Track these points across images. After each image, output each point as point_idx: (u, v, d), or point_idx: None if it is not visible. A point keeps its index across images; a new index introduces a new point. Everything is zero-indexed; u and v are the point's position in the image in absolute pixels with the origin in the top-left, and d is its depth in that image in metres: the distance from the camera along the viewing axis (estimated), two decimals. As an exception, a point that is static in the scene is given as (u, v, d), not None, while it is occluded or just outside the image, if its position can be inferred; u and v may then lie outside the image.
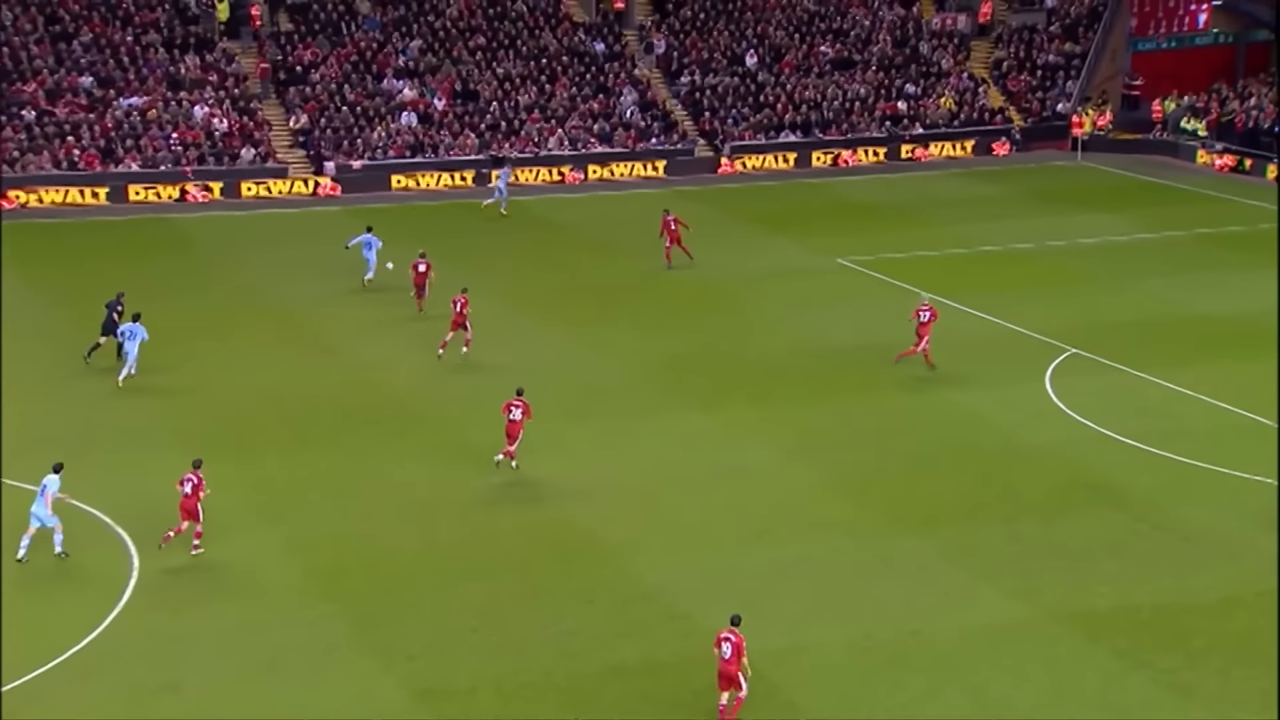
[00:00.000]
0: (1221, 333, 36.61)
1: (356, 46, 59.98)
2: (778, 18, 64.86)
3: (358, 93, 58.03)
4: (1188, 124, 59.73)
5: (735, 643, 19.59)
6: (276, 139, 56.40)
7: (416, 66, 59.80)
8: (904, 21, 65.57)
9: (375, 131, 56.69)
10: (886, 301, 40.15)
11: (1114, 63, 63.50)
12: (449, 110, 58.34)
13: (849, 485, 27.70)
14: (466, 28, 61.82)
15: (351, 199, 53.20)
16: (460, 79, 59.69)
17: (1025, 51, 65.10)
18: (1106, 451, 29.19)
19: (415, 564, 24.53)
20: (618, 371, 34.17)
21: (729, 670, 19.58)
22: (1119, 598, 23.23)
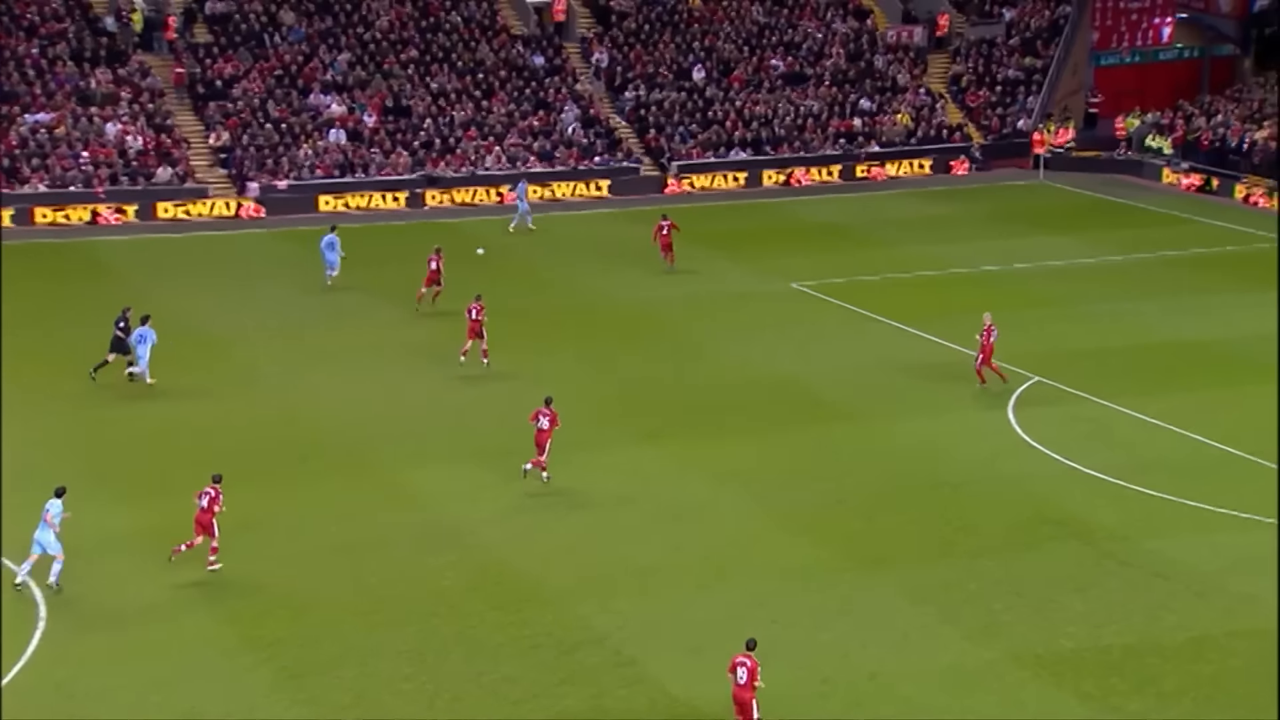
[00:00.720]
0: (1190, 359, 37.06)
1: (280, 59, 59.76)
2: (726, 30, 65.28)
3: (282, 108, 57.79)
4: (1153, 142, 60.57)
5: (750, 667, 20.18)
6: (195, 157, 56.02)
7: (345, 81, 59.64)
8: (857, 34, 66.18)
9: (301, 149, 56.46)
10: (842, 327, 40.35)
11: (1076, 77, 64.34)
12: (380, 127, 58.20)
13: (803, 523, 27.75)
14: (398, 40, 61.77)
15: (276, 221, 52.91)
16: (392, 94, 59.59)
17: (984, 66, 65.84)
18: (1072, 485, 29.42)
19: (343, 610, 24.30)
20: (557, 404, 34.06)
21: (744, 696, 20.14)
22: (1086, 638, 23.38)
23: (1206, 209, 54.43)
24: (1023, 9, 67.71)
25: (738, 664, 20.31)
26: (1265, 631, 23.49)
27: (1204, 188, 57.13)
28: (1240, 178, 56.27)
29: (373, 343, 38.90)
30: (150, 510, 27.81)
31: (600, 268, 46.11)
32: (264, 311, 41.57)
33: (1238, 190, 55.82)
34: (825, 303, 42.73)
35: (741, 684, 20.19)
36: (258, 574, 25.56)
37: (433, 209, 55.53)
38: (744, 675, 20.15)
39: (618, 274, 45.89)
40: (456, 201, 56.10)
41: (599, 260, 46.67)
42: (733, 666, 20.35)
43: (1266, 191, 54.77)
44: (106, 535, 26.60)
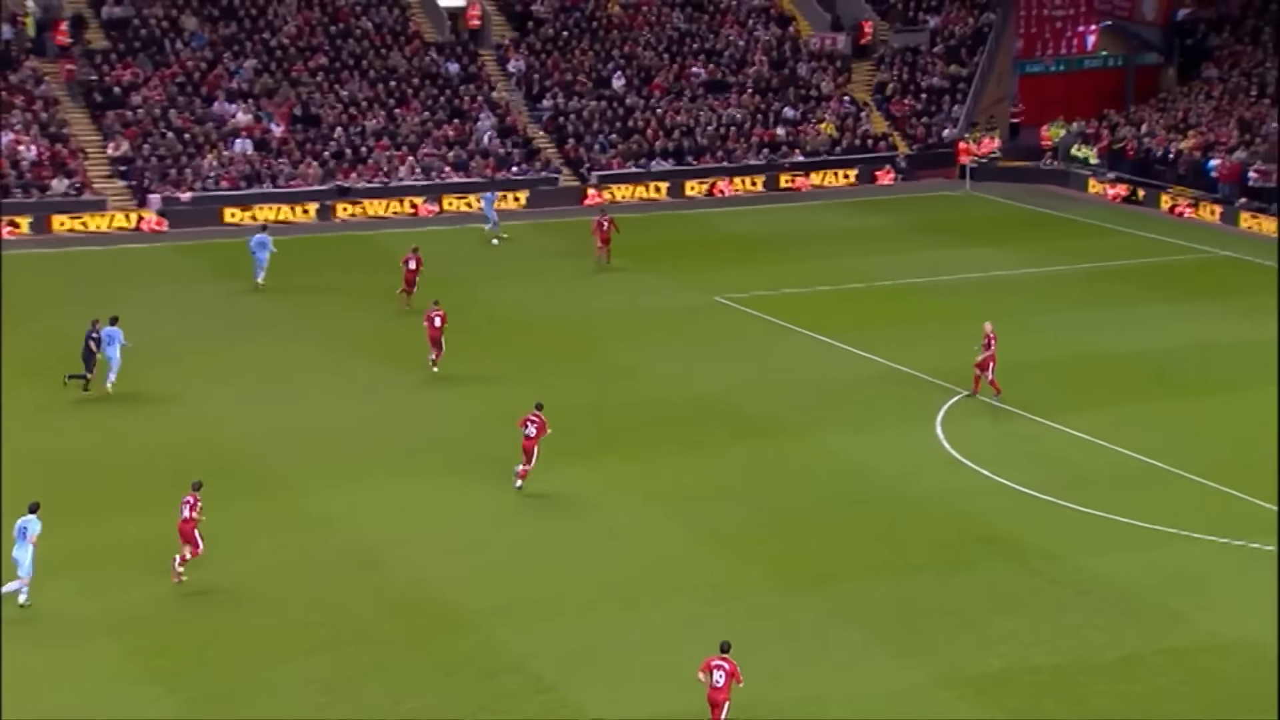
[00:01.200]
0: (1119, 373, 37.70)
1: (183, 66, 59.21)
2: (646, 37, 65.57)
3: (185, 117, 57.25)
4: (1078, 151, 61.58)
5: (729, 669, 20.72)
6: (93, 168, 55.32)
7: (251, 88, 59.20)
8: (780, 41, 66.76)
9: (205, 160, 55.95)
10: (767, 341, 40.63)
11: (1000, 86, 65.27)
12: (288, 137, 57.82)
13: (730, 543, 27.89)
14: (306, 46, 61.43)
15: (180, 234, 52.36)
16: (300, 102, 59.23)
17: (909, 74, 66.61)
18: (1001, 501, 29.82)
19: (252, 638, 24.11)
20: (474, 423, 34.04)
21: (719, 698, 20.67)
22: (1015, 658, 23.70)
23: (1133, 220, 55.43)
24: (947, 17, 68.64)
25: (713, 666, 20.83)
26: (1193, 649, 23.95)
27: (1130, 198, 58.19)
28: (1166, 188, 57.38)
29: (282, 360, 38.61)
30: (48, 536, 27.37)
31: (519, 282, 46.09)
32: (167, 329, 41.11)
33: (1163, 200, 56.91)
34: (750, 316, 42.99)
35: (718, 686, 20.72)
36: (162, 602, 25.28)
37: (344, 221, 55.25)
38: (720, 678, 20.70)
39: (537, 288, 45.91)
40: (369, 214, 55.86)
41: (517, 274, 46.64)
42: (707, 667, 20.89)
43: (1191, 202, 55.91)
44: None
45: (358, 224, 55.08)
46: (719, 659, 20.92)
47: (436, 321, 36.98)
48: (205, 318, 42.05)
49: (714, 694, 20.79)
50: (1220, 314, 42.85)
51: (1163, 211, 56.49)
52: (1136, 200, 57.96)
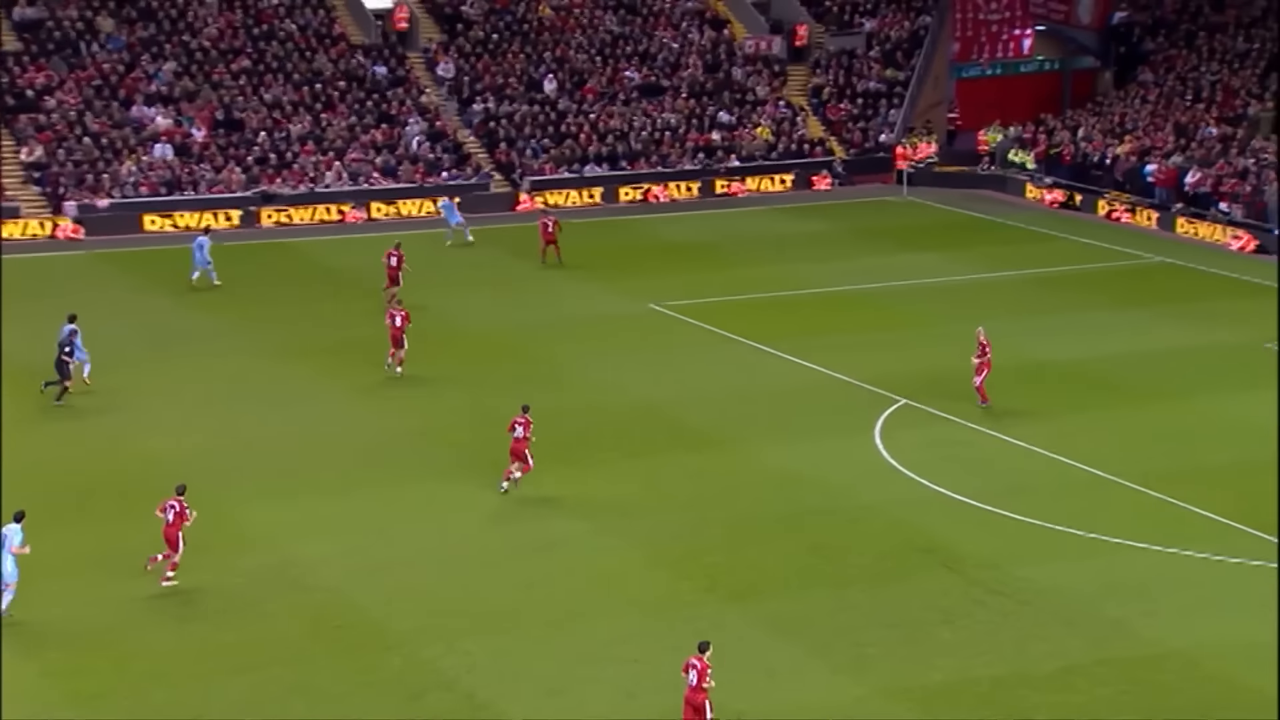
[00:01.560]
0: (1057, 380, 37.99)
1: (99, 69, 58.47)
2: (578, 39, 65.51)
3: (102, 122, 56.54)
4: (1015, 156, 62.12)
5: (700, 669, 21.09)
6: (6, 174, 54.49)
7: (171, 92, 58.56)
8: (715, 44, 66.92)
9: (124, 165, 55.27)
10: (703, 350, 40.63)
11: (937, 90, 65.75)
12: (210, 141, 57.25)
13: (665, 556, 27.82)
14: (228, 49, 60.86)
15: (97, 242, 51.69)
16: (222, 106, 58.67)
17: (845, 78, 66.97)
18: (940, 511, 29.94)
19: (170, 658, 23.78)
20: (403, 434, 33.79)
21: (696, 699, 21.02)
22: (955, 670, 23.77)
23: (1070, 225, 55.97)
24: (883, 20, 69.07)
25: (689, 665, 21.20)
26: (1133, 659, 24.12)
27: (1067, 203, 58.76)
28: (1103, 193, 57.98)
29: (205, 371, 38.18)
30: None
31: (449, 290, 45.85)
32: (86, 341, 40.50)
33: (1100, 206, 57.50)
34: (685, 324, 42.99)
35: (692, 685, 21.07)
36: (79, 623, 24.88)
37: (269, 228, 54.75)
38: (694, 677, 21.06)
39: (468, 296, 45.70)
40: (294, 220, 55.39)
41: (447, 282, 46.39)
42: (685, 668, 21.27)
43: (1128, 207, 56.53)
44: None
45: (283, 230, 54.60)
46: (693, 658, 21.30)
47: (398, 320, 37.34)
48: (125, 328, 41.50)
49: (689, 694, 21.19)
50: (1158, 320, 43.32)
51: (1100, 217, 57.08)
52: (1074, 206, 58.53)
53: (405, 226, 54.39)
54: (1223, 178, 54.85)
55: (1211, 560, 27.56)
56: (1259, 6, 62.72)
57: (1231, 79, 60.10)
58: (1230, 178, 54.70)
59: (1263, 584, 26.61)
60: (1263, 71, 59.60)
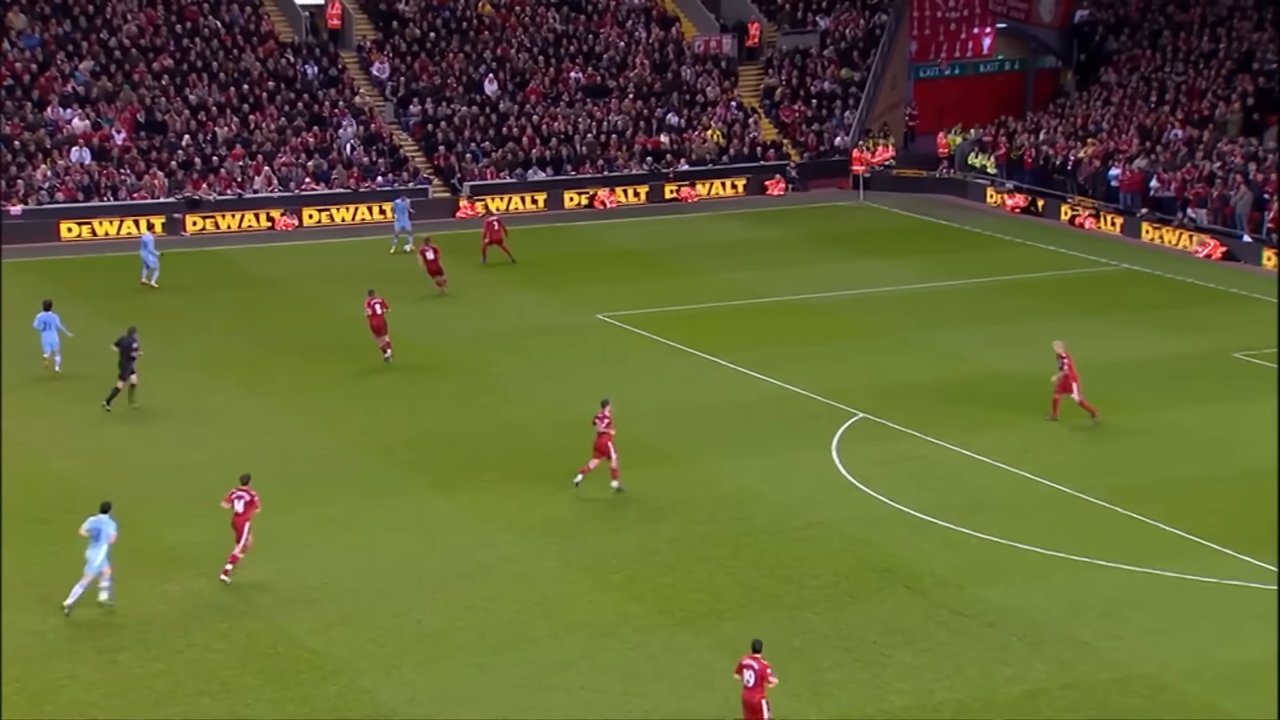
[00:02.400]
0: (1018, 392, 38.20)
1: (11, 68, 57.98)
2: (520, 38, 65.53)
3: (15, 124, 56.06)
4: (976, 160, 62.61)
5: (759, 670, 21.58)
6: (-85, 178, 53.94)
7: (89, 93, 58.13)
8: (663, 43, 67.10)
9: (39, 170, 54.78)
10: (651, 361, 40.68)
11: (895, 91, 66.17)
12: (131, 144, 56.85)
13: (611, 577, 27.81)
14: (149, 47, 60.49)
15: (11, 250, 51.20)
16: (144, 107, 58.28)
17: (798, 78, 67.30)
18: (899, 529, 30.07)
19: (92, 691, 23.56)
20: (336, 451, 33.65)
21: (753, 699, 21.54)
22: (917, 695, 23.88)
23: (1032, 231, 56.42)
24: (838, 18, 69.46)
25: (744, 666, 21.66)
26: (1100, 682, 24.30)
27: (1029, 208, 59.24)
28: (1066, 197, 58.52)
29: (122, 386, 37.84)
30: None
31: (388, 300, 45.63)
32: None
33: (1063, 211, 58.03)
34: (634, 335, 43.03)
35: (750, 686, 21.54)
36: (-8, 654, 24.59)
37: (194, 236, 54.43)
38: (751, 678, 21.55)
39: (406, 306, 45.55)
40: (221, 227, 55.07)
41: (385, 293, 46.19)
42: (739, 669, 21.73)
43: (1093, 212, 57.08)
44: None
45: (209, 238, 54.27)
46: (749, 659, 21.75)
47: (378, 309, 38.85)
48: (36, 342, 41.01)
49: (746, 694, 21.65)
50: (1124, 330, 43.72)
51: (1063, 222, 57.59)
52: (1036, 211, 59.03)
53: (338, 234, 54.15)
54: (1189, 182, 55.50)
55: (1181, 579, 27.81)
56: (1225, 5, 63.54)
57: (1197, 80, 60.84)
58: (1197, 182, 55.35)
59: (1235, 604, 26.89)
60: (1229, 72, 60.36)
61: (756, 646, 22.00)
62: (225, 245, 53.18)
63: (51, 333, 38.13)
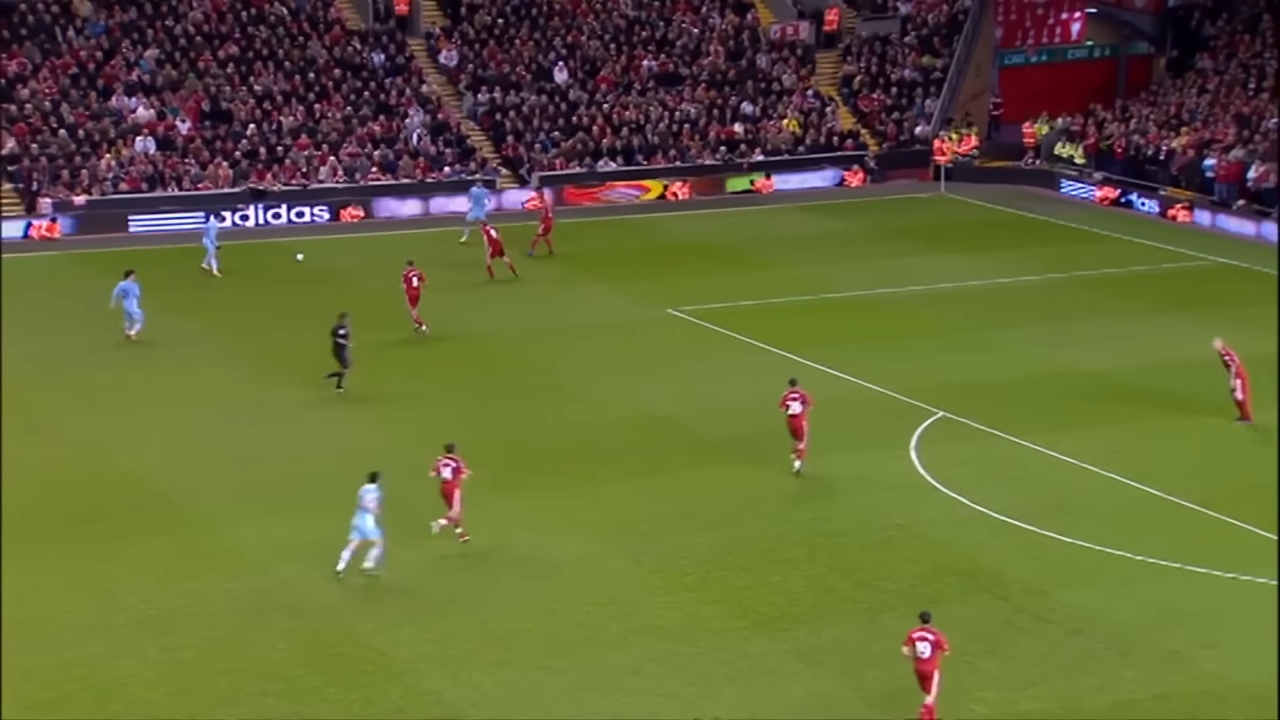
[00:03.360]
0: (1106, 391, 37.94)
1: (77, 56, 58.76)
2: (591, 25, 65.65)
3: (79, 113, 56.81)
4: (1063, 150, 62.12)
5: (934, 640, 22.37)
6: (-22, 169, 54.82)
7: (154, 81, 58.82)
8: (738, 30, 67.01)
9: (103, 160, 55.50)
10: (724, 358, 40.66)
11: (979, 79, 65.75)
12: (196, 134, 57.48)
13: (683, 579, 27.82)
14: (215, 34, 61.12)
15: (74, 242, 51.92)
16: (209, 96, 58.91)
17: (878, 66, 66.99)
18: (981, 531, 29.91)
19: (156, 689, 23.86)
20: (401, 450, 33.84)
21: (927, 669, 22.35)
22: (1000, 704, 23.73)
23: (1122, 224, 55.90)
24: (920, 3, 69.10)
25: (917, 639, 22.44)
26: (1193, 694, 24.06)
27: (1119, 200, 58.70)
28: (1158, 189, 57.93)
29: (190, 381, 38.32)
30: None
31: (452, 294, 45.93)
32: (62, 347, 40.74)
33: (1155, 203, 57.42)
34: (706, 330, 43.02)
35: (925, 658, 22.37)
36: (56, 652, 24.95)
37: (258, 227, 54.95)
38: (926, 649, 22.36)
39: (472, 301, 45.82)
40: (286, 218, 55.58)
41: (449, 285, 46.47)
42: (910, 641, 22.52)
43: (1186, 204, 56.45)
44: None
45: (274, 230, 54.78)
46: (922, 630, 22.47)
47: (414, 281, 40.72)
48: (104, 335, 41.63)
49: (922, 665, 22.35)
50: (1217, 327, 43.11)
51: (1155, 215, 56.99)
52: (1125, 203, 58.47)
53: (404, 225, 54.50)
54: (1288, 173, 54.78)
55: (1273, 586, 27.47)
56: (1328, -12, 62.69)
57: (1297, 66, 60.04)
58: (1296, 173, 54.63)
59: (1332, 611, 26.53)
60: (1331, 58, 59.52)
61: (926, 617, 22.79)
62: (289, 237, 53.66)
63: (131, 301, 39.97)
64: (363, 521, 27.26)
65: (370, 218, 56.15)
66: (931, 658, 22.42)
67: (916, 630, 22.67)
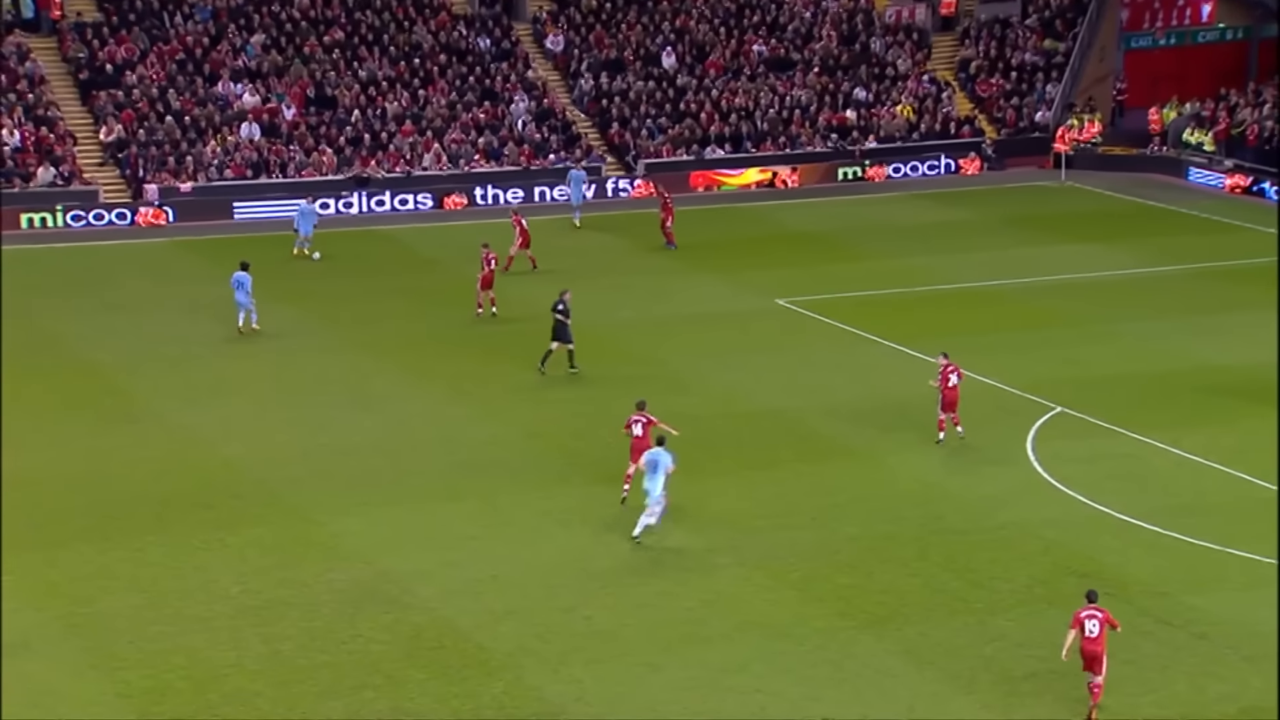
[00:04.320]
0: (1234, 387, 37.32)
1: (184, 42, 59.65)
2: (700, 9, 65.57)
3: (185, 99, 57.65)
4: (1191, 136, 61.18)
5: (1103, 618, 23.01)
6: (83, 155, 55.80)
7: (259, 67, 59.56)
8: (851, 13, 66.61)
9: (208, 146, 56.31)
10: (834, 350, 40.45)
11: (1103, 63, 64.92)
12: (300, 121, 58.13)
13: (789, 576, 27.72)
14: (320, 20, 61.78)
15: (179, 229, 52.74)
16: (314, 82, 59.54)
17: (997, 50, 66.35)
18: (1101, 531, 29.56)
19: (256, 680, 24.15)
20: (503, 440, 34.04)
21: (1095, 649, 22.96)
22: (1120, 710, 23.43)
23: (1252, 213, 54.93)
24: (1041, -15, 68.31)
25: (1087, 617, 23.00)
26: (1324, 699, 23.61)
27: (1250, 189, 57.67)
28: (1291, 177, 56.89)
29: (293, 370, 38.77)
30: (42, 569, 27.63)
31: (554, 281, 46.05)
32: (166, 334, 41.38)
33: (1289, 192, 56.44)
34: (815, 321, 42.84)
35: (1093, 637, 22.94)
36: (156, 641, 25.34)
37: (362, 214, 55.47)
38: (1095, 628, 22.94)
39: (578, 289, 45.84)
40: (390, 206, 56.05)
41: (552, 273, 46.63)
42: (1078, 622, 23.03)
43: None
44: None
45: (377, 218, 55.29)
46: (1090, 609, 23.04)
47: (492, 263, 41.78)
48: (207, 322, 42.24)
49: (1090, 645, 22.92)
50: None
51: (1288, 204, 55.98)
52: (1257, 192, 57.44)
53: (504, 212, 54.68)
54: None
55: None
56: None
57: None
58: None
59: None
60: None
61: (1092, 596, 23.34)
62: (393, 225, 54.12)
63: (242, 293, 40.34)
64: (653, 484, 28.45)
65: (473, 205, 56.45)
66: (1099, 636, 22.89)
67: (1084, 610, 23.10)
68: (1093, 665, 23.03)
